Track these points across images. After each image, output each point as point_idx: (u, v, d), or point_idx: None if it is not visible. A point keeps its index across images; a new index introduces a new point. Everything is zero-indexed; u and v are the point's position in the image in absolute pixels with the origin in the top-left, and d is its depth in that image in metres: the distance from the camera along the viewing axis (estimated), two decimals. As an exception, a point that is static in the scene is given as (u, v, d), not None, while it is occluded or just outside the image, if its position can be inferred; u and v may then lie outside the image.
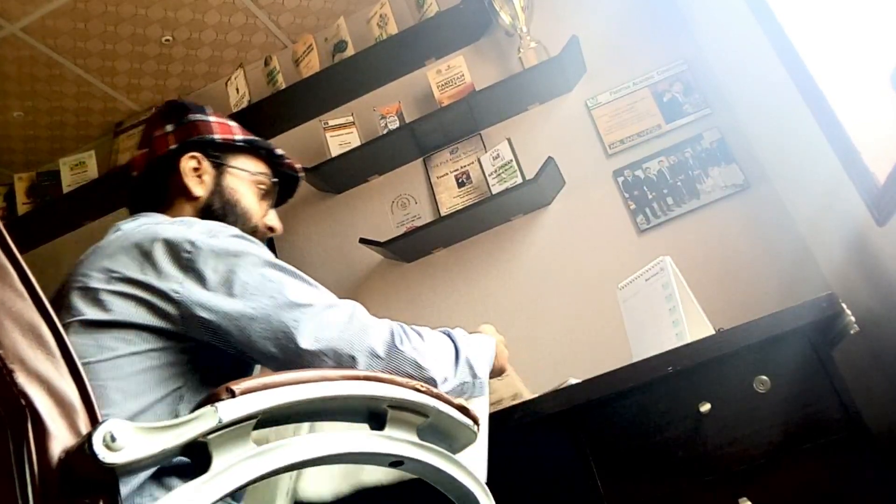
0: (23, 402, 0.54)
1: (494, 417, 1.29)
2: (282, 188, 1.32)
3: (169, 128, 1.20)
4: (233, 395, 0.60)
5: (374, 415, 0.73)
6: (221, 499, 0.58)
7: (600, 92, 2.22)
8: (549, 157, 2.03)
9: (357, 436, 0.69)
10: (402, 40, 2.31)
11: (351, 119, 2.36)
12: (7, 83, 2.42)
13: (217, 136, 1.19)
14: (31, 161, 2.83)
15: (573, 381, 1.40)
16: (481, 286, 2.19)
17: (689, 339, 1.32)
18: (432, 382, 0.92)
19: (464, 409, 0.78)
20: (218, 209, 1.17)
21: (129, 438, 0.53)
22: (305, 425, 1.12)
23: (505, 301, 2.15)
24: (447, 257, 2.27)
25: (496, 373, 1.21)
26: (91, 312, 0.90)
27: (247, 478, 0.59)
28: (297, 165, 1.32)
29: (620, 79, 2.21)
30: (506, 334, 2.08)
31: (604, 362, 1.51)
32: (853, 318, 1.25)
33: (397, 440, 0.71)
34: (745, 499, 1.17)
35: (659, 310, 1.46)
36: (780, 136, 1.82)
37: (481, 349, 1.10)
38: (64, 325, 0.68)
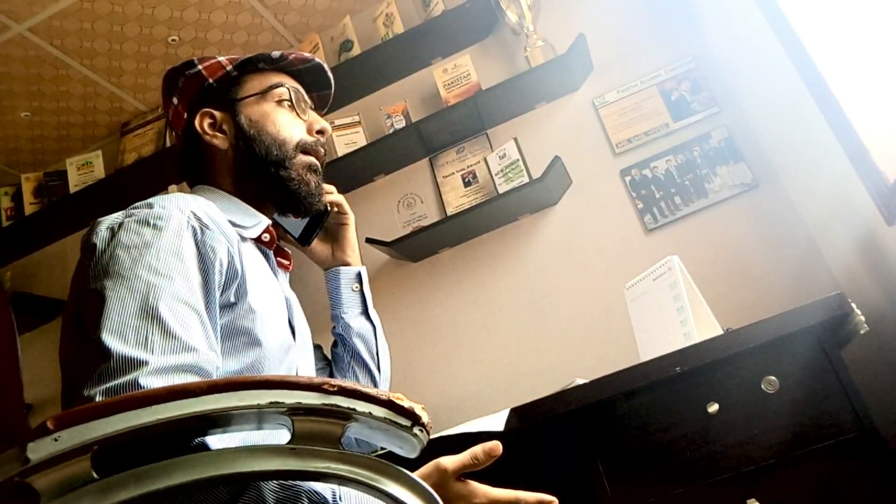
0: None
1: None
2: (315, 84, 1.23)
3: (175, 100, 1.16)
4: (45, 431, 0.53)
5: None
6: None
7: (607, 90, 2.21)
8: (556, 157, 2.02)
9: (235, 453, 0.58)
10: (408, 39, 2.31)
11: (357, 118, 2.35)
12: (14, 83, 2.43)
13: (210, 80, 1.13)
14: (38, 161, 2.84)
15: (580, 381, 1.39)
16: (488, 286, 2.19)
17: (696, 339, 1.31)
18: None
19: (394, 406, 0.60)
20: (246, 151, 1.10)
21: None
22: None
23: (512, 301, 2.15)
24: (453, 257, 2.26)
25: None
26: None
27: None
28: (306, 54, 1.19)
29: (627, 77, 2.20)
30: (513, 334, 2.11)
31: (611, 362, 1.51)
32: (863, 318, 1.24)
33: (302, 454, 0.58)
34: (753, 500, 1.17)
35: (666, 309, 1.45)
36: (788, 135, 1.81)
37: None
38: None
